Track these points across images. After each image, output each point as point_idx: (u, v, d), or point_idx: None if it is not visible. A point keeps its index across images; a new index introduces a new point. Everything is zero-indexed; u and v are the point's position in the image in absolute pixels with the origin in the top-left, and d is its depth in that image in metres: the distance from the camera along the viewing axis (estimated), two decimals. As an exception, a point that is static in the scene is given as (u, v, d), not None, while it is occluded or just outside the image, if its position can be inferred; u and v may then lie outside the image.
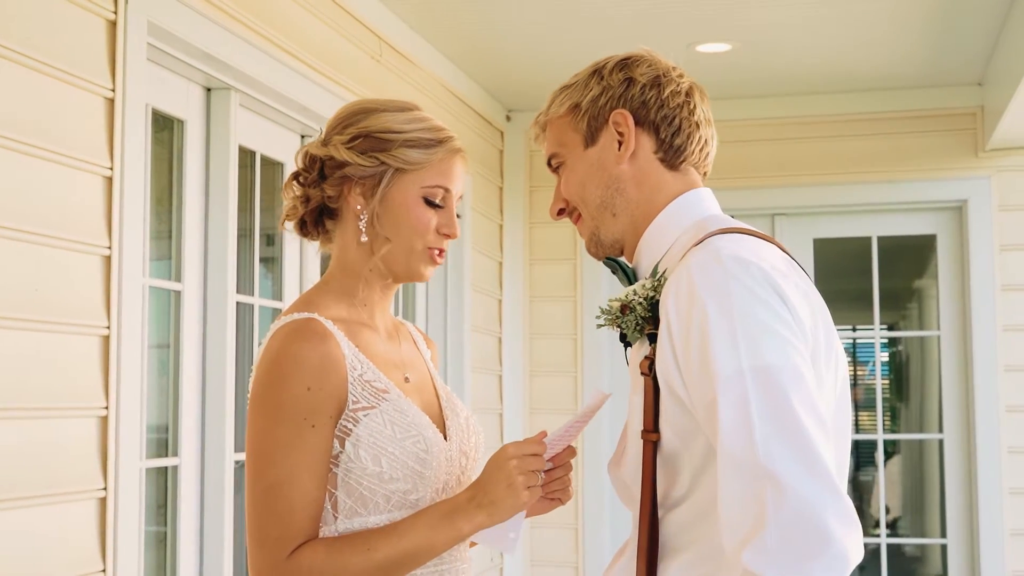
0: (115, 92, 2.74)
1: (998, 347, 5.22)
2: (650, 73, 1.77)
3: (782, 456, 1.42)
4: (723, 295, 1.51)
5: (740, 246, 1.58)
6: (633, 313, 1.64)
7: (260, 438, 1.72)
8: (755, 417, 1.45)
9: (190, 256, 3.26)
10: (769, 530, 1.40)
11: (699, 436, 1.56)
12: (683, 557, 1.60)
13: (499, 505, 1.74)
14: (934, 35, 4.59)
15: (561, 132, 1.80)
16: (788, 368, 1.48)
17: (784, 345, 1.49)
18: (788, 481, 1.40)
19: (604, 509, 5.58)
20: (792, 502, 1.40)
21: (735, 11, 4.33)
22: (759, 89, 5.38)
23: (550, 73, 5.03)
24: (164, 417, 3.22)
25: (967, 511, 5.33)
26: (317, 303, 1.84)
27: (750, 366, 1.47)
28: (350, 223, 1.87)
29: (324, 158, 1.87)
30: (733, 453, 1.45)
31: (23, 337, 2.45)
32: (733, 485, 1.44)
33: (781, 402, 1.45)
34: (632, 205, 1.75)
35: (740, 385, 1.46)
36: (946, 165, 5.36)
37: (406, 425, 1.78)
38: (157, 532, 3.21)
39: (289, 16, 3.57)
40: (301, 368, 1.72)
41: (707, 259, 1.56)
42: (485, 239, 5.37)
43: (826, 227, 5.61)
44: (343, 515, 1.75)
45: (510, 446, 1.77)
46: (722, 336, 1.48)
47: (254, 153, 3.62)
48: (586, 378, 5.64)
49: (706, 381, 1.49)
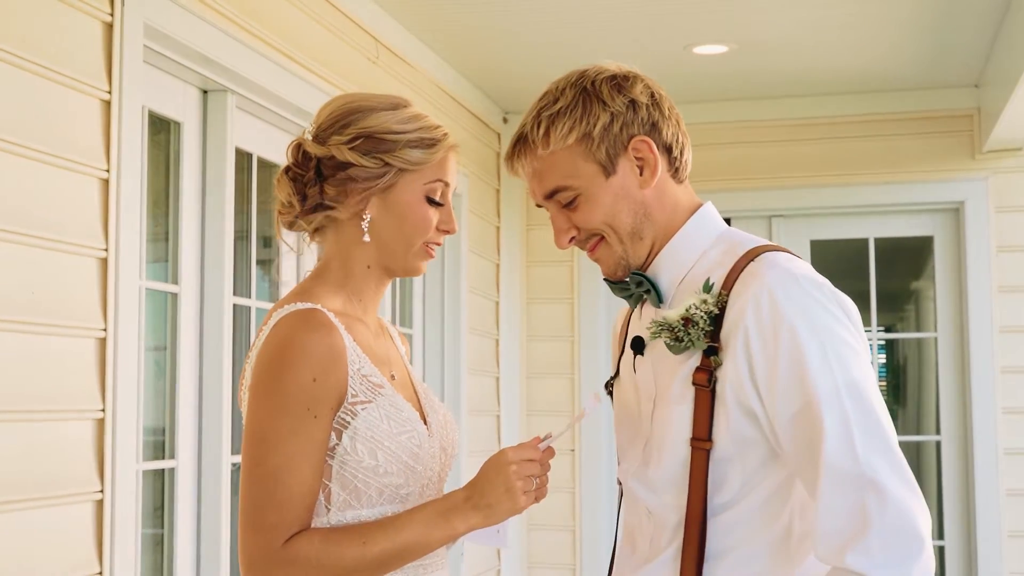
0: (111, 94, 2.74)
1: (995, 349, 5.22)
2: (645, 91, 1.77)
3: (880, 466, 1.55)
4: (809, 315, 1.61)
5: (802, 265, 1.68)
6: (696, 327, 1.67)
7: (262, 425, 1.72)
8: (855, 430, 1.56)
9: (187, 258, 3.26)
10: (873, 534, 1.52)
11: (760, 446, 1.65)
12: (730, 558, 1.67)
13: (495, 508, 1.76)
14: (931, 37, 4.60)
15: (568, 164, 1.75)
16: (869, 382, 1.60)
17: (862, 360, 1.62)
18: (888, 489, 1.53)
19: (601, 511, 5.58)
20: (893, 509, 1.53)
21: (732, 13, 4.33)
22: (756, 91, 5.38)
23: (547, 75, 5.00)
24: (161, 419, 3.22)
25: (964, 513, 5.33)
26: (316, 294, 1.84)
27: (844, 382, 1.58)
28: (349, 222, 1.86)
29: (322, 157, 1.85)
30: (837, 464, 1.55)
31: (19, 339, 2.45)
32: (835, 494, 1.55)
33: (872, 415, 1.58)
34: (657, 227, 1.78)
35: (839, 401, 1.57)
36: (943, 167, 5.37)
37: (401, 420, 1.78)
38: (154, 534, 3.21)
39: (285, 18, 3.57)
40: (308, 358, 1.72)
41: (785, 279, 1.64)
42: (482, 241, 5.37)
43: (823, 229, 5.61)
44: (336, 507, 1.76)
45: (509, 451, 1.78)
46: (815, 354, 1.59)
47: (251, 155, 3.62)
48: (583, 380, 5.64)
49: (799, 397, 1.59)
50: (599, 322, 5.62)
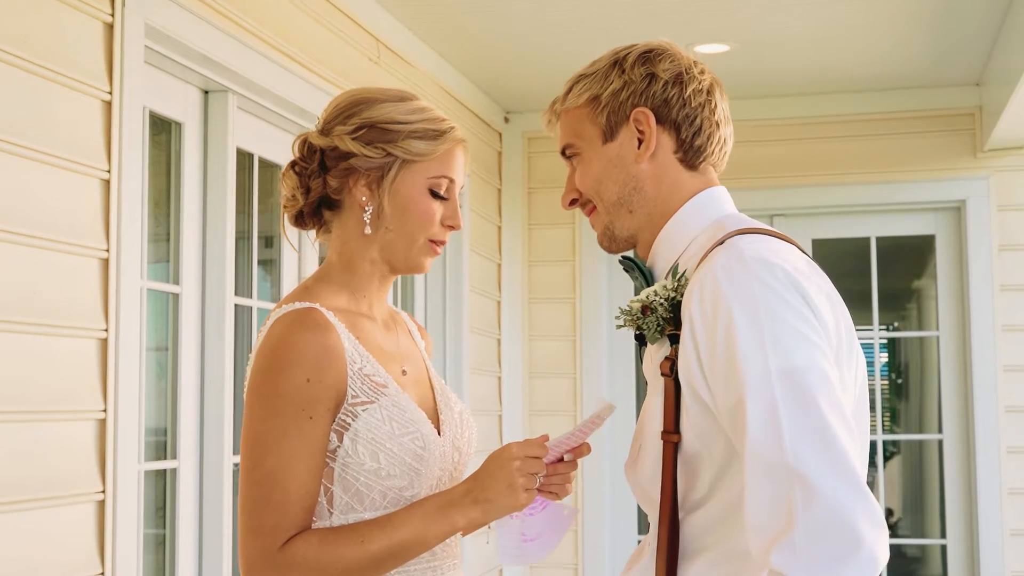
0: (112, 95, 2.74)
1: (997, 347, 5.22)
2: (673, 69, 1.75)
3: (811, 458, 1.43)
4: (749, 298, 1.51)
5: (763, 247, 1.58)
6: (654, 314, 1.63)
7: (257, 427, 1.71)
8: (784, 419, 1.45)
9: (188, 259, 3.26)
10: (798, 531, 1.41)
11: (720, 438, 1.56)
12: (704, 559, 1.60)
13: (495, 503, 1.73)
14: (932, 35, 4.59)
15: (578, 123, 1.77)
16: (815, 370, 1.48)
17: (810, 347, 1.50)
18: (817, 482, 1.41)
19: (604, 510, 5.58)
20: (821, 503, 1.41)
21: (733, 12, 4.33)
22: (757, 90, 5.37)
23: (548, 74, 5.04)
24: (162, 420, 3.22)
25: (967, 511, 5.33)
26: (317, 292, 1.82)
27: (777, 368, 1.47)
28: (351, 214, 1.84)
29: (326, 148, 1.83)
30: (761, 454, 1.45)
31: (21, 340, 2.45)
32: (761, 486, 1.45)
33: (809, 404, 1.46)
34: (650, 203, 1.74)
35: (768, 387, 1.47)
36: (944, 165, 5.36)
37: (404, 422, 1.77)
38: (156, 535, 3.21)
39: (286, 18, 3.57)
40: (301, 358, 1.70)
41: (731, 261, 1.55)
42: (483, 241, 5.37)
43: (824, 228, 5.61)
44: (339, 511, 1.74)
45: (514, 446, 1.76)
46: (749, 339, 1.49)
47: (252, 155, 3.61)
48: (585, 380, 5.64)
49: (732, 383, 1.49)
50: (601, 321, 5.62)
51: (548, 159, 5.68)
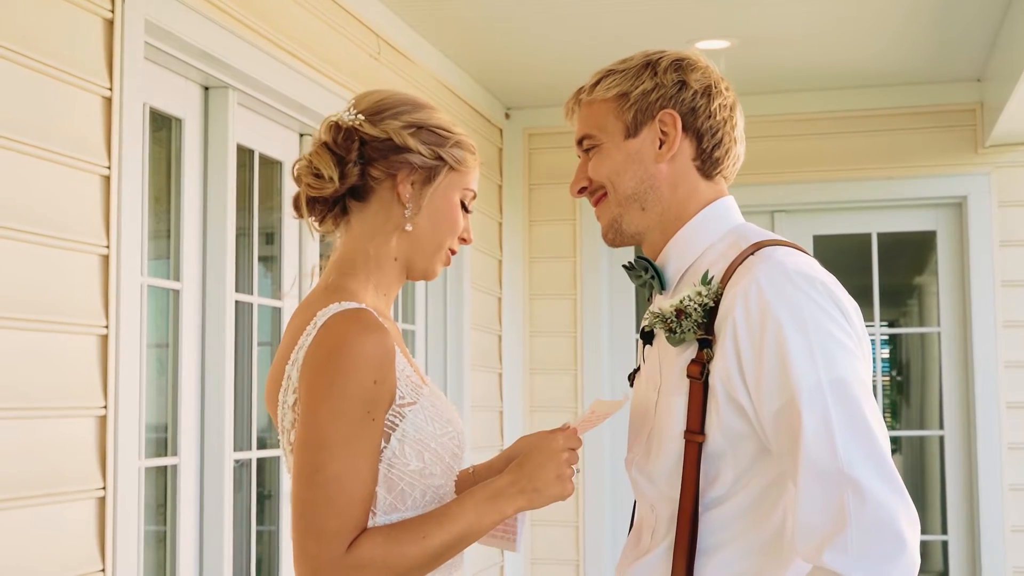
0: (113, 91, 2.73)
1: (998, 343, 5.22)
2: (703, 81, 1.82)
3: (861, 464, 1.54)
4: (797, 310, 1.61)
5: (799, 260, 1.68)
6: (689, 319, 1.69)
7: (321, 430, 1.68)
8: (836, 428, 1.56)
9: (188, 255, 3.26)
10: (850, 532, 1.51)
11: (750, 440, 1.66)
12: (722, 554, 1.67)
13: (543, 493, 1.77)
14: (933, 31, 4.59)
15: (602, 116, 1.82)
16: (857, 380, 1.60)
17: (852, 358, 1.61)
18: (867, 486, 1.53)
19: (605, 507, 5.58)
20: (872, 506, 1.52)
21: (734, 8, 4.33)
22: (758, 86, 5.37)
23: (549, 71, 5.03)
24: (163, 416, 3.22)
25: (968, 507, 5.33)
26: (354, 291, 1.80)
27: (828, 379, 1.58)
28: (382, 209, 1.82)
29: (375, 139, 1.81)
30: (816, 461, 1.55)
31: (21, 336, 2.45)
32: (814, 490, 1.55)
33: (855, 413, 1.57)
34: (663, 204, 1.80)
35: (821, 398, 1.57)
36: (946, 161, 5.36)
37: (443, 421, 1.78)
38: (156, 531, 3.21)
39: (287, 14, 3.56)
40: (368, 361, 1.69)
41: (774, 273, 1.64)
42: (484, 237, 5.37)
43: (826, 224, 5.60)
44: (382, 511, 1.74)
45: (559, 437, 1.79)
46: (800, 350, 1.59)
47: (252, 152, 3.61)
48: (586, 376, 5.64)
49: (782, 392, 1.59)
50: (602, 318, 5.62)
51: (549, 155, 5.68)
